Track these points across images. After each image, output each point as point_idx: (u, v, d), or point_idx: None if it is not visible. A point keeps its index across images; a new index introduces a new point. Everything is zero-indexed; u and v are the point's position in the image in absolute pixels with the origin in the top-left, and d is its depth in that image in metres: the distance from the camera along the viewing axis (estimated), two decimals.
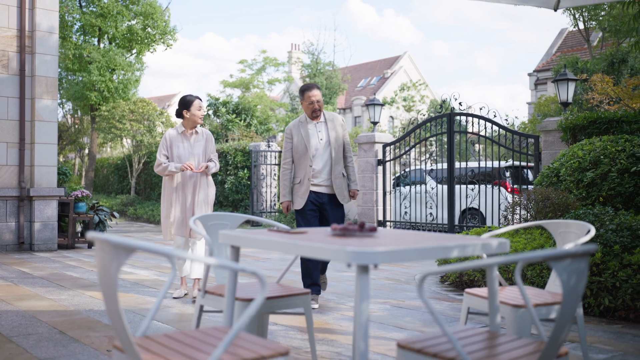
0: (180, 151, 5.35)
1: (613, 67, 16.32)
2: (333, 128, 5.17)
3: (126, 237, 1.71)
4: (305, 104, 5.12)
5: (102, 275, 1.76)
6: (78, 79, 19.57)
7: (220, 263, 1.66)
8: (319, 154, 5.10)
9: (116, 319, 1.74)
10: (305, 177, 5.07)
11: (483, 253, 2.19)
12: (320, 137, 5.13)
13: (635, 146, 6.75)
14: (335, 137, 5.15)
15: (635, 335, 4.18)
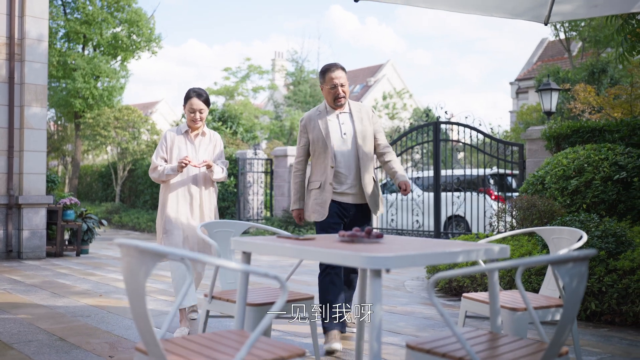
0: (182, 154, 4.39)
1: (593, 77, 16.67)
2: (360, 120, 4.15)
3: (154, 244, 1.79)
4: (325, 88, 4.11)
5: (129, 281, 1.83)
6: (62, 86, 19.48)
7: (244, 268, 1.74)
8: (342, 153, 4.07)
9: (143, 322, 1.82)
10: (327, 181, 4.05)
11: (486, 258, 2.30)
12: (344, 132, 4.10)
13: (617, 155, 6.94)
14: (362, 132, 4.12)
15: (621, 338, 4.33)
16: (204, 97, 4.41)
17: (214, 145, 4.53)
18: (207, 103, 4.43)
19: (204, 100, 4.41)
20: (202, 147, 4.49)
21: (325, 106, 4.20)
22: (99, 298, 5.74)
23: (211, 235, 3.21)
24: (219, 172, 4.42)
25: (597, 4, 3.55)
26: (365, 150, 4.11)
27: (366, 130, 4.15)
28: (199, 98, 4.36)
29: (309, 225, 12.85)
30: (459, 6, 3.67)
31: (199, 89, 4.42)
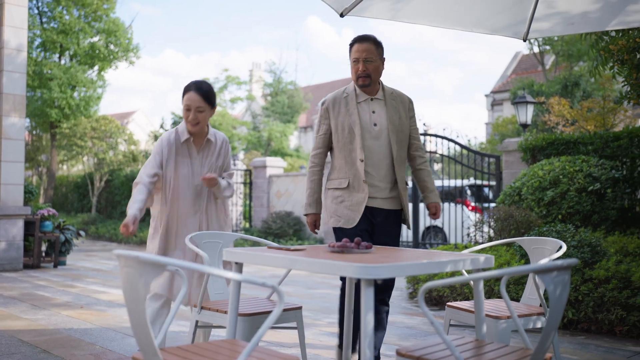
0: (184, 171, 3.51)
1: (567, 90, 17.03)
2: (396, 110, 3.40)
3: (155, 255, 1.83)
4: (350, 64, 3.42)
5: (128, 291, 1.86)
6: (37, 96, 19.28)
7: (243, 278, 1.79)
8: (371, 148, 3.34)
9: (142, 331, 1.85)
10: (358, 178, 3.33)
11: (472, 267, 2.37)
12: (374, 122, 3.35)
13: (591, 166, 7.13)
14: (397, 125, 3.38)
15: (598, 345, 4.44)
16: (204, 91, 3.41)
17: (222, 155, 3.63)
18: (209, 100, 3.44)
19: (204, 95, 3.41)
20: (207, 160, 3.56)
21: (354, 88, 3.44)
22: (80, 310, 5.71)
23: (200, 246, 3.24)
24: (226, 189, 3.57)
25: (573, 22, 3.69)
26: (399, 147, 3.39)
27: (403, 124, 3.41)
28: (197, 92, 3.39)
29: (287, 236, 12.88)
30: (442, 22, 3.78)
31: (200, 82, 3.48)
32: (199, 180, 3.51)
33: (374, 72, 3.36)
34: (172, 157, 3.51)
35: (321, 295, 6.89)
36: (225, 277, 1.84)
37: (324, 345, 4.37)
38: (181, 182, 3.52)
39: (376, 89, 3.44)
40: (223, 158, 3.63)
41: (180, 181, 3.52)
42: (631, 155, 7.32)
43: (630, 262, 5.07)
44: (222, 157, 3.63)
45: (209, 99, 3.46)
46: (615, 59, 5.66)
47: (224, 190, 3.56)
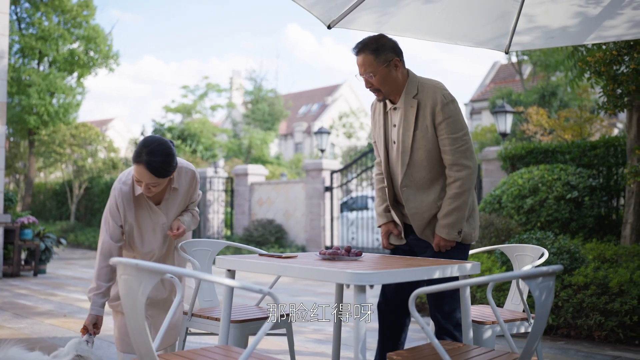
0: (147, 228, 3.08)
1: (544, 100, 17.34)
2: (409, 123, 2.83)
3: (152, 263, 1.87)
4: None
5: (126, 297, 1.90)
6: (15, 102, 19.08)
7: (241, 285, 1.84)
8: (395, 165, 2.93)
9: (140, 337, 1.89)
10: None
11: (459, 274, 2.45)
12: (393, 139, 2.92)
13: (569, 175, 7.29)
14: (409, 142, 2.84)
15: (577, 350, 4.55)
16: (155, 169, 2.81)
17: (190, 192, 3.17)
18: (164, 175, 2.85)
19: (157, 172, 2.82)
20: (172, 208, 3.11)
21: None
22: (63, 318, 5.68)
23: (189, 254, 3.28)
24: (190, 224, 3.19)
25: (553, 36, 3.80)
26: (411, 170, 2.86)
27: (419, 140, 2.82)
28: (148, 169, 2.79)
29: (269, 244, 12.91)
30: (427, 35, 3.87)
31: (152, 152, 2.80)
32: (163, 232, 3.10)
33: (382, 84, 2.81)
34: (130, 210, 3.02)
35: (305, 303, 6.93)
36: (221, 284, 1.88)
37: (310, 352, 4.42)
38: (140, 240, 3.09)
39: (398, 95, 2.88)
40: (191, 194, 3.17)
41: (139, 239, 3.08)
42: (608, 163, 7.50)
43: (608, 269, 5.20)
44: (191, 193, 3.17)
45: (164, 174, 2.85)
46: (592, 70, 5.82)
47: (189, 227, 3.18)
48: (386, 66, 2.81)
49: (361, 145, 30.70)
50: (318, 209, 12.78)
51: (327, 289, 8.17)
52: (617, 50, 5.52)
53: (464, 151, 2.78)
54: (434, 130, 2.81)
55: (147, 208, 3.06)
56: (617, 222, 7.31)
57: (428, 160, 2.83)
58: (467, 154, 2.79)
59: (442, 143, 2.81)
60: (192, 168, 3.15)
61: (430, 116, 2.80)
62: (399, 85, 2.86)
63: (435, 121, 2.80)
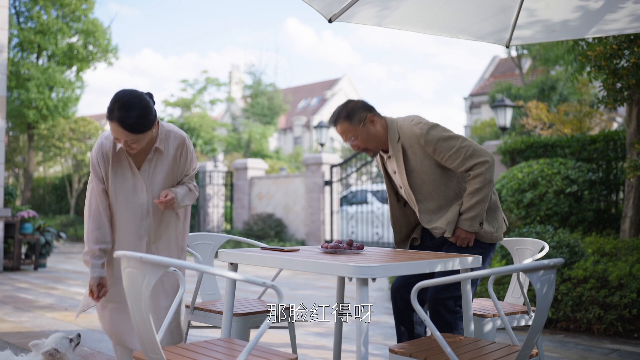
0: (124, 186, 2.86)
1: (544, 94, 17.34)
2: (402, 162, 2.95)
3: (156, 256, 1.88)
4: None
5: (131, 290, 1.91)
6: (14, 96, 19.05)
7: (244, 277, 1.85)
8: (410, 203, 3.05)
9: (145, 331, 1.90)
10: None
11: (460, 267, 2.46)
12: (399, 184, 3.06)
13: (569, 169, 7.31)
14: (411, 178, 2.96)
15: (577, 343, 4.58)
16: (130, 126, 2.62)
17: (179, 159, 2.92)
18: (142, 130, 2.66)
19: (132, 130, 2.63)
20: (157, 172, 2.88)
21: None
22: (64, 312, 5.70)
23: (192, 247, 3.29)
24: (184, 197, 2.90)
25: (554, 30, 3.81)
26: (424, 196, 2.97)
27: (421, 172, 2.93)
28: (123, 127, 2.62)
29: (269, 238, 12.92)
30: (428, 28, 3.87)
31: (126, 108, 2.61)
32: (145, 199, 2.85)
33: (367, 142, 2.94)
34: (108, 168, 2.84)
35: (305, 296, 6.96)
36: (225, 277, 1.90)
37: (311, 345, 4.44)
38: (120, 200, 2.85)
39: (386, 145, 2.99)
40: (182, 164, 2.92)
41: (119, 199, 2.85)
42: (607, 158, 7.51)
43: (607, 262, 5.22)
44: (181, 163, 2.92)
45: (141, 129, 2.65)
46: (593, 64, 5.82)
47: (183, 200, 2.88)
48: (363, 125, 2.92)
49: None
50: (318, 203, 12.79)
51: (327, 283, 8.19)
52: (617, 44, 5.53)
53: (471, 154, 2.84)
54: (432, 160, 2.91)
55: (127, 167, 2.85)
56: (616, 216, 7.33)
57: (436, 191, 2.94)
58: (475, 154, 2.85)
59: (448, 163, 2.88)
60: (182, 134, 2.92)
61: (421, 151, 2.90)
62: (382, 137, 2.97)
63: (429, 152, 2.90)
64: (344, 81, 45.22)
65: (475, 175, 2.83)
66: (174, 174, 2.92)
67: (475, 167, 2.83)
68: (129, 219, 2.86)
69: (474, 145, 2.88)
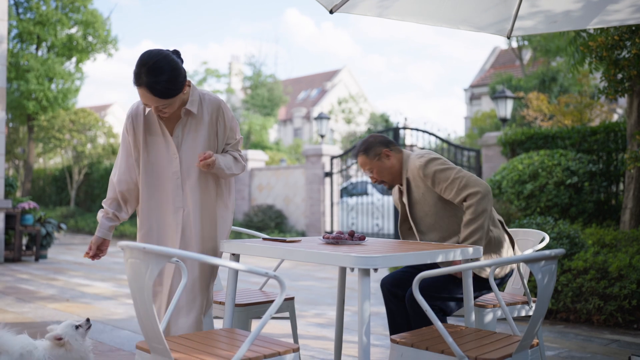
0: (157, 153, 2.71)
1: (544, 85, 17.31)
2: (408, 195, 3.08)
3: (160, 246, 1.88)
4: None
5: (134, 281, 1.92)
6: (14, 88, 19.02)
7: (247, 268, 1.86)
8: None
9: (148, 320, 1.91)
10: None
11: (462, 258, 2.47)
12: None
13: (569, 160, 7.31)
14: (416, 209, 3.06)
15: (577, 334, 4.59)
16: (159, 92, 2.49)
17: (217, 123, 2.72)
18: (171, 95, 2.53)
19: (161, 94, 2.50)
20: (191, 138, 2.70)
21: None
22: (66, 303, 5.72)
23: None
24: (229, 166, 2.70)
25: (556, 20, 3.79)
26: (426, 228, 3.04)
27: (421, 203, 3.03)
28: (152, 93, 2.49)
29: (269, 229, 12.94)
30: (429, 19, 3.86)
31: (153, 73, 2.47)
32: (178, 167, 2.67)
33: (381, 174, 3.09)
34: (140, 134, 2.68)
35: (306, 287, 6.98)
36: (228, 267, 1.90)
37: (311, 336, 4.46)
38: (154, 168, 2.69)
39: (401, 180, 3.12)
40: (222, 131, 2.73)
41: (153, 167, 2.69)
42: (607, 149, 7.51)
43: (607, 254, 5.23)
44: (220, 128, 2.72)
45: (172, 94, 2.52)
46: (594, 55, 5.81)
47: (226, 169, 2.66)
48: (378, 159, 3.08)
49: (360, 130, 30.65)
50: (318, 195, 12.80)
51: (327, 274, 8.21)
52: (618, 35, 5.51)
53: (465, 185, 2.89)
54: (434, 193, 2.99)
55: (159, 133, 2.68)
56: (616, 208, 7.34)
57: (439, 223, 3.00)
58: (469, 184, 2.89)
59: (446, 194, 2.96)
60: (217, 97, 2.73)
61: (422, 184, 3.01)
62: (396, 170, 3.10)
63: (428, 184, 2.99)
64: (344, 72, 45.12)
65: (469, 205, 2.87)
66: (211, 141, 2.71)
67: (468, 197, 2.88)
68: (164, 189, 2.69)
69: (469, 176, 2.92)
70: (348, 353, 3.88)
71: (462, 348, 2.11)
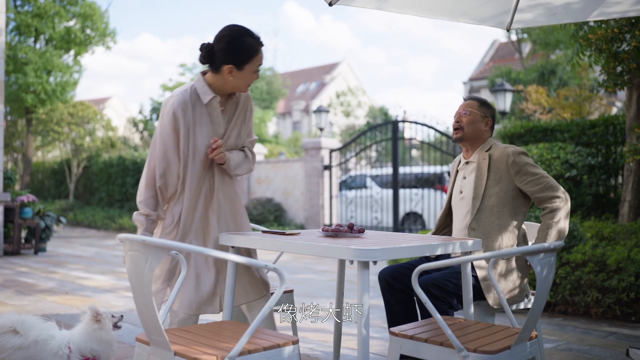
0: (204, 142, 2.64)
1: (543, 78, 17.29)
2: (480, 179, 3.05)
3: (159, 238, 1.89)
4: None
5: (133, 273, 1.92)
6: (12, 80, 18.97)
7: (246, 261, 1.86)
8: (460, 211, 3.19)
9: (147, 313, 1.91)
10: None
11: (461, 250, 2.47)
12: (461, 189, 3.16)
13: (568, 153, 7.31)
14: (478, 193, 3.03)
15: (575, 326, 4.61)
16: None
17: (248, 115, 2.77)
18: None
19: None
20: (231, 125, 2.72)
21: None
22: (65, 296, 5.72)
23: None
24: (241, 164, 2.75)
25: (555, 13, 3.79)
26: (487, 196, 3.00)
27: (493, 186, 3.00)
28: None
29: (268, 222, 12.95)
30: (428, 12, 3.85)
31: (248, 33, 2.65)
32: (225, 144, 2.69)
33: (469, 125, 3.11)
34: (189, 124, 2.60)
35: (304, 280, 6.99)
36: (228, 260, 1.90)
37: (311, 329, 4.47)
38: (199, 158, 2.63)
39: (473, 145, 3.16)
40: (248, 123, 2.76)
41: (198, 156, 2.63)
42: (606, 142, 7.51)
43: (606, 246, 5.24)
44: (247, 121, 2.75)
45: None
46: (594, 47, 5.80)
47: (238, 166, 2.71)
48: (482, 117, 3.12)
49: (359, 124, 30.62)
50: (317, 188, 12.80)
51: (326, 267, 8.23)
52: (618, 28, 5.50)
53: (552, 186, 2.94)
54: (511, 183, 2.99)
55: (208, 123, 2.63)
56: (615, 201, 7.35)
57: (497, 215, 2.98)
58: (555, 187, 2.94)
59: (527, 187, 2.96)
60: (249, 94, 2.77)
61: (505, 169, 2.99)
62: (479, 135, 3.12)
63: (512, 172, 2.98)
64: (343, 65, 45.04)
65: (556, 207, 2.91)
66: (242, 132, 2.75)
67: (555, 199, 2.92)
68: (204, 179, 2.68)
69: (553, 180, 2.99)
70: (347, 345, 3.90)
71: (461, 340, 2.11)
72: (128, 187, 16.43)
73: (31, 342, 2.63)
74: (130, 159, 16.59)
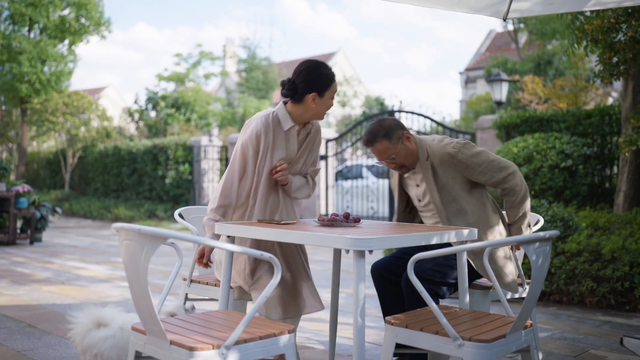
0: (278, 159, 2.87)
1: (540, 68, 17.28)
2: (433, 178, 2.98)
3: (155, 227, 1.88)
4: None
5: (129, 263, 1.92)
6: (6, 70, 18.86)
7: (242, 250, 1.86)
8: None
9: (143, 302, 1.91)
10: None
11: (456, 240, 2.48)
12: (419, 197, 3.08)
13: (564, 144, 7.32)
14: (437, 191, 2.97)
15: (569, 315, 4.63)
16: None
17: (316, 145, 3.02)
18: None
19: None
20: (303, 152, 2.96)
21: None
22: (61, 286, 5.72)
23: (188, 220, 3.30)
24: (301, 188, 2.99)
25: (552, 2, 3.77)
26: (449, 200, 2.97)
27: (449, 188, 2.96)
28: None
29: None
30: (424, 1, 3.83)
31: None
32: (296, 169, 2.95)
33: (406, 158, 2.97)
34: (269, 146, 2.82)
35: None
36: (223, 249, 1.90)
37: (307, 318, 4.48)
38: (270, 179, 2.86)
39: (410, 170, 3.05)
40: (315, 151, 3.00)
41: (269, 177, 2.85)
42: (602, 132, 7.52)
43: (601, 236, 5.26)
44: (314, 149, 2.99)
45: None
46: (590, 38, 5.78)
47: (298, 190, 2.96)
48: (401, 143, 2.94)
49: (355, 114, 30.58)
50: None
51: (322, 257, 8.24)
52: (615, 18, 5.49)
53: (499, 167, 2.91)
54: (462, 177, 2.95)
55: (284, 148, 2.85)
56: (610, 191, 7.37)
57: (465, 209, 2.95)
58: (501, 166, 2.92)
59: (479, 178, 2.93)
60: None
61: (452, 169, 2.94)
62: (416, 153, 2.98)
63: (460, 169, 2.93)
64: (339, 55, 44.90)
65: (511, 187, 2.91)
66: (307, 161, 2.98)
67: (507, 179, 2.91)
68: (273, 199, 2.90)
69: (498, 158, 2.95)
70: (343, 335, 3.91)
71: (456, 329, 2.12)
72: (123, 177, 16.39)
73: (117, 330, 2.62)
74: (125, 149, 16.54)
